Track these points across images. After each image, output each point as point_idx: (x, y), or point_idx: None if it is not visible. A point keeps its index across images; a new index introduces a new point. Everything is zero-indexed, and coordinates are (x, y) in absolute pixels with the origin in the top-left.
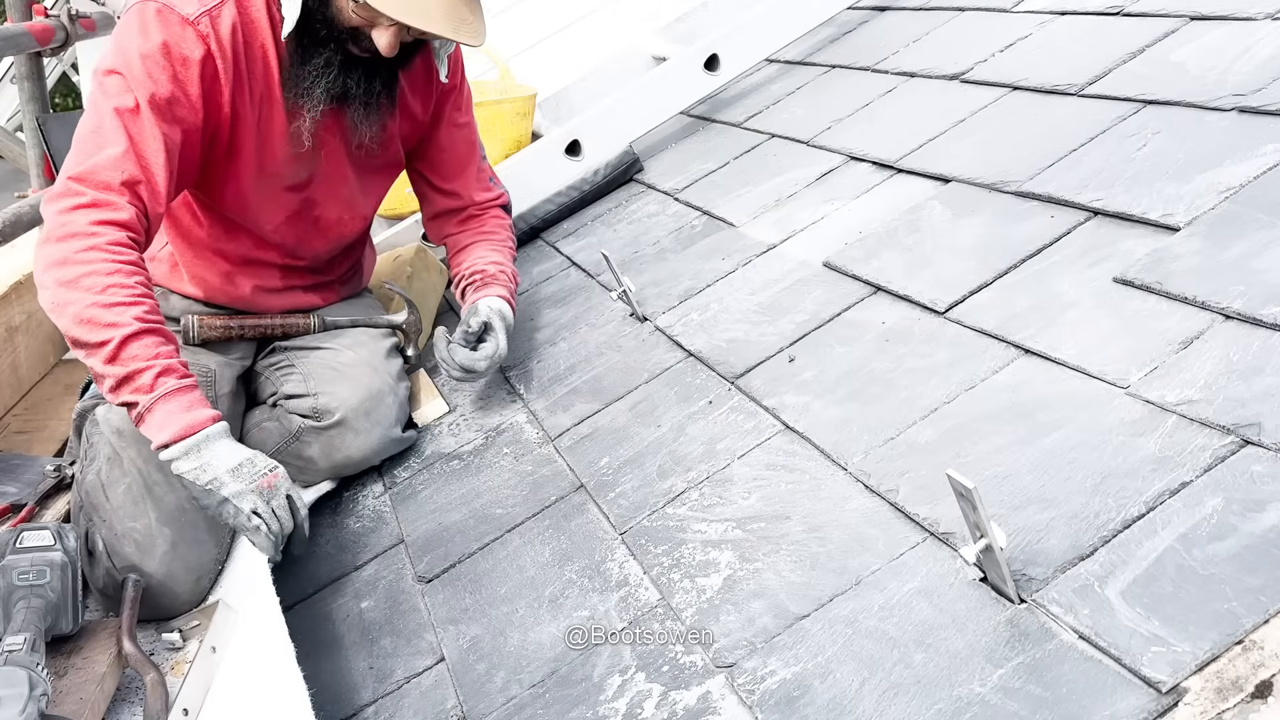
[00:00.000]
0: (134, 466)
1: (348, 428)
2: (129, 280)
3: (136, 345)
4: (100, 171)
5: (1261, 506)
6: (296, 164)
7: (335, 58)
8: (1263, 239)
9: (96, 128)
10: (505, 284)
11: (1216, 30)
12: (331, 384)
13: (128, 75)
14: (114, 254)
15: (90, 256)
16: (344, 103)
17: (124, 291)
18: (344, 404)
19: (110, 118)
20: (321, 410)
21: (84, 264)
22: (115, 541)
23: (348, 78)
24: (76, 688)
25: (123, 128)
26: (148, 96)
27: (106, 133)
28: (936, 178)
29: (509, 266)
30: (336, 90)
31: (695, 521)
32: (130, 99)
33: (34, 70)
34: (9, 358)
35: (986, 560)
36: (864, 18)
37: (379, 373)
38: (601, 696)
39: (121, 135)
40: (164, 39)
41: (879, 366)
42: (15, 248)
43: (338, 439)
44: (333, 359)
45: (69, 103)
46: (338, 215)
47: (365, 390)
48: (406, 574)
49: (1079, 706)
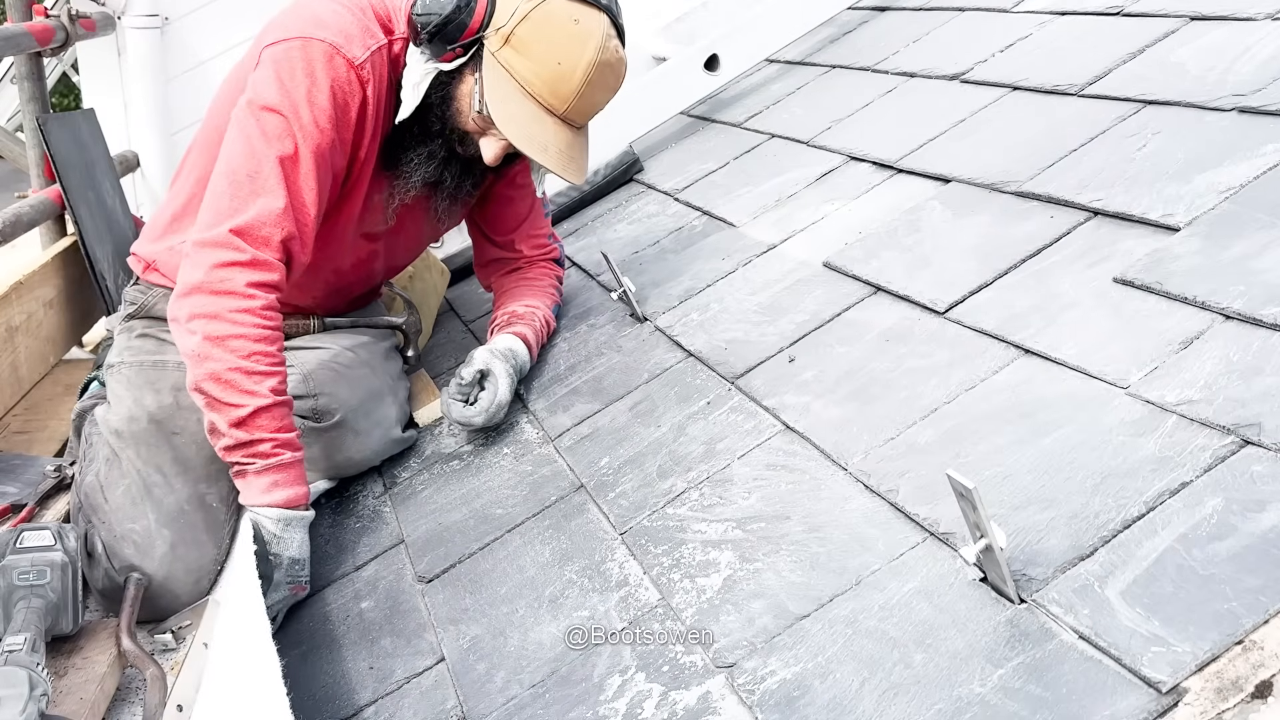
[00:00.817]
0: (133, 468)
1: (348, 428)
2: (272, 348)
3: (266, 417)
4: (261, 228)
5: (1261, 506)
6: (378, 218)
7: (440, 151)
8: (1263, 239)
9: (255, 172)
10: (529, 323)
11: (1216, 30)
12: (331, 385)
13: (292, 119)
14: (264, 320)
15: (243, 319)
16: (434, 189)
17: (266, 360)
18: (344, 405)
19: (272, 165)
20: (321, 411)
21: (235, 325)
22: (114, 543)
23: (446, 170)
24: (76, 688)
25: (283, 179)
26: (312, 146)
27: (266, 181)
28: (936, 178)
29: (543, 311)
30: (432, 180)
31: (695, 521)
32: (291, 145)
33: (34, 70)
34: (9, 358)
35: (986, 560)
36: (864, 18)
37: (378, 373)
38: (601, 696)
39: (282, 188)
40: (332, 85)
41: (879, 366)
42: (15, 248)
43: (338, 440)
44: (332, 360)
45: (69, 103)
46: (402, 260)
47: (365, 391)
48: (406, 574)
49: (1079, 706)
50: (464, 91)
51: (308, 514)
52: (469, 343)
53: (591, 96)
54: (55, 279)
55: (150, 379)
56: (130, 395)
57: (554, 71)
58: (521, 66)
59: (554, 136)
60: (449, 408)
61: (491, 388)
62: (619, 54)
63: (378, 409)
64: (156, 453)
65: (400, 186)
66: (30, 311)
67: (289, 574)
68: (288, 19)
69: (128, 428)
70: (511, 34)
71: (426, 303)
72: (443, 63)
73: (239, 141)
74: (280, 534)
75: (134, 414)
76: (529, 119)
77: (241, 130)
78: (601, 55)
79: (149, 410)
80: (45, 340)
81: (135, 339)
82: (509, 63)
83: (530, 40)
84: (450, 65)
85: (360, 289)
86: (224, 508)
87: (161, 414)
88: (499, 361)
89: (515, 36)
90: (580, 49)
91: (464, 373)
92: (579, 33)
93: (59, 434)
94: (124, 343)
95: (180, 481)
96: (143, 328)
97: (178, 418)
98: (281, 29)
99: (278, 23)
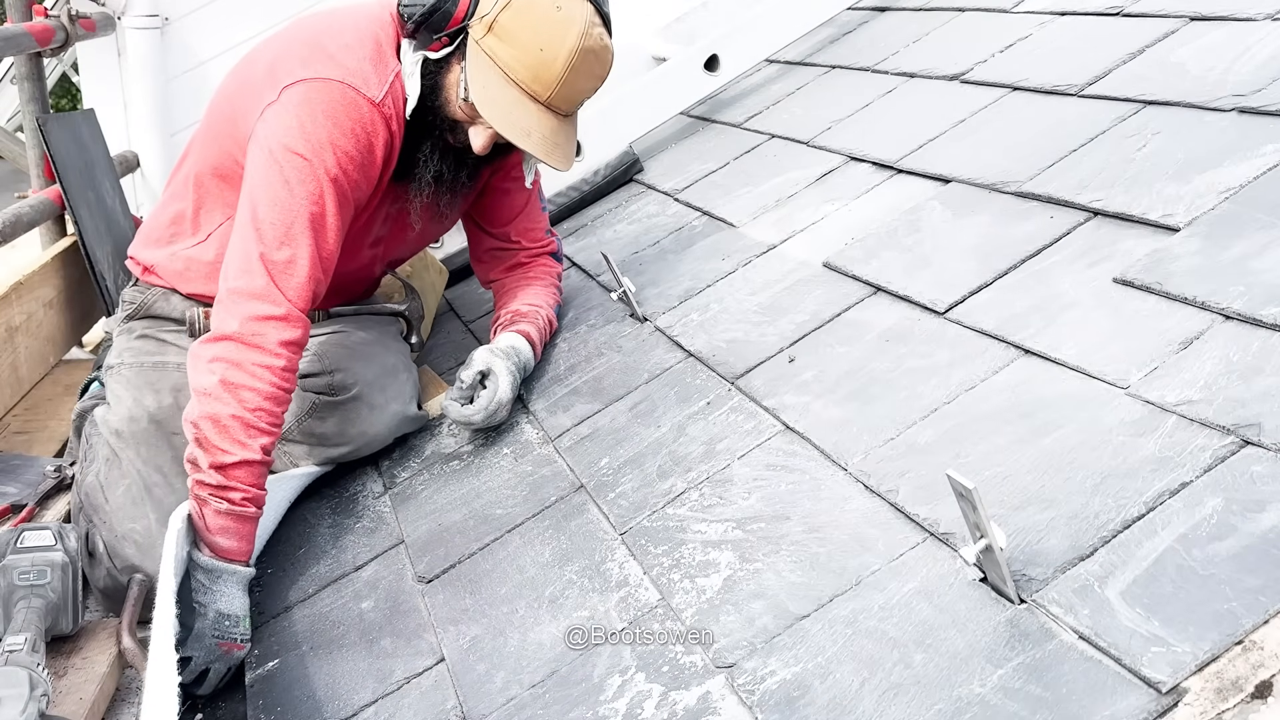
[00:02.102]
0: (133, 468)
1: (364, 402)
2: (278, 409)
3: (246, 471)
4: (298, 286)
5: (1261, 507)
6: (380, 226)
7: (438, 145)
8: (1263, 239)
9: (289, 225)
10: (532, 321)
11: (1216, 30)
12: (346, 360)
13: (315, 163)
14: (281, 381)
15: (263, 375)
16: (437, 184)
17: (267, 419)
18: (360, 378)
19: (303, 219)
20: (338, 386)
21: (254, 378)
22: (115, 542)
23: (444, 164)
24: (76, 688)
25: (311, 233)
26: (335, 192)
27: (298, 236)
28: (936, 178)
29: (546, 310)
30: (435, 174)
31: (695, 522)
32: (318, 190)
33: (34, 71)
34: (9, 358)
35: (986, 560)
36: (864, 18)
37: (391, 350)
38: (601, 697)
39: (310, 242)
40: (354, 127)
41: (879, 367)
42: (15, 248)
43: (353, 413)
44: (345, 339)
45: (69, 103)
46: (402, 258)
47: (380, 365)
48: (406, 574)
49: (1079, 707)
50: (451, 81)
51: (246, 570)
52: (469, 343)
53: (576, 83)
54: (55, 279)
55: (150, 380)
56: (130, 396)
57: (536, 58)
58: (504, 53)
59: (538, 123)
60: (448, 408)
61: (491, 386)
62: (604, 41)
63: (393, 384)
64: (157, 453)
65: (415, 189)
66: (30, 311)
67: (215, 627)
68: (301, 50)
69: (128, 428)
70: (495, 21)
71: (426, 302)
72: (430, 52)
73: (266, 187)
74: (208, 584)
75: (134, 414)
76: (511, 104)
77: (266, 174)
78: (584, 42)
79: (149, 411)
80: (45, 340)
81: (135, 340)
82: (492, 50)
83: (513, 27)
84: (437, 54)
85: (360, 289)
86: None
87: (161, 414)
88: (499, 360)
89: (498, 24)
90: (562, 35)
91: (464, 375)
92: (561, 19)
93: (59, 434)
94: (124, 344)
95: (181, 481)
96: (143, 328)
97: (178, 418)
98: (299, 64)
99: (290, 53)
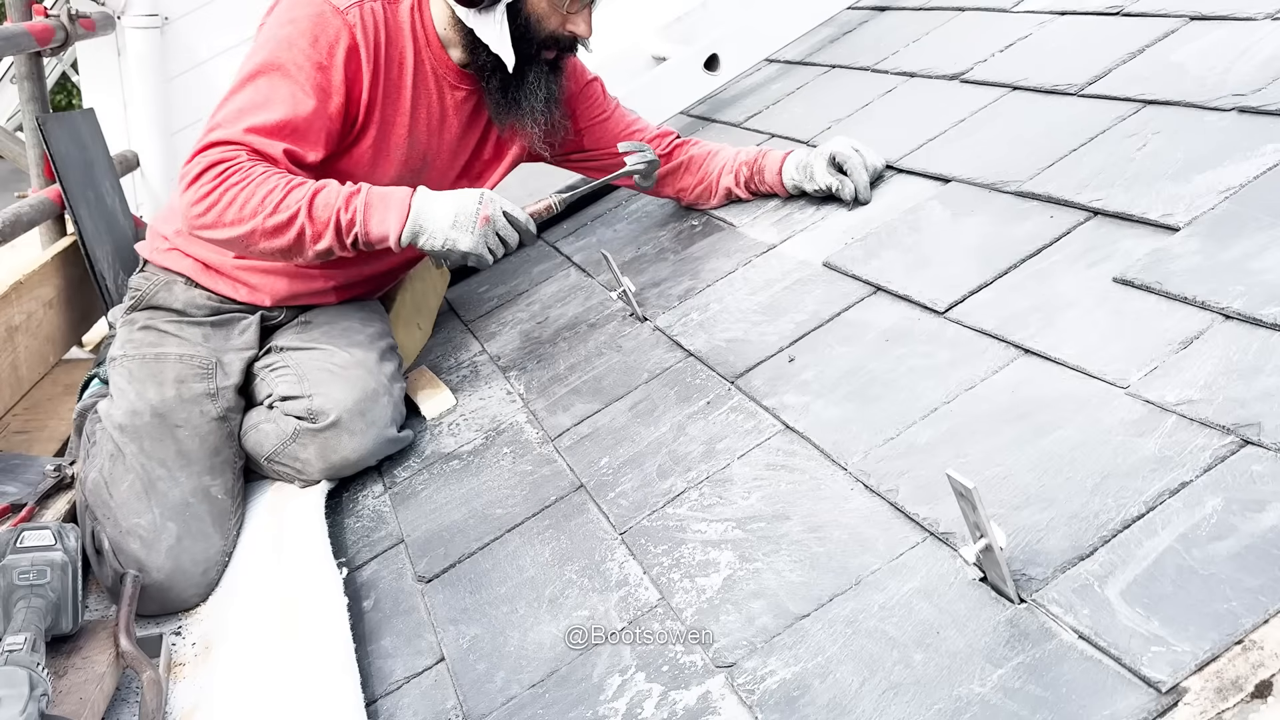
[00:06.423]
0: (136, 462)
1: (343, 429)
2: (277, 169)
3: (323, 192)
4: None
5: (1261, 506)
6: (406, 169)
7: (542, 64)
8: (1263, 239)
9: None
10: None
11: (1216, 30)
12: (326, 385)
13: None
14: (256, 157)
15: (241, 161)
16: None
17: (277, 176)
18: (338, 405)
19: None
20: (316, 412)
21: (237, 169)
22: (120, 538)
23: (551, 83)
24: (76, 688)
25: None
26: (299, 73)
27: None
28: (936, 178)
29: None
30: (547, 95)
31: (695, 521)
32: (278, 65)
33: (34, 70)
34: (9, 358)
35: (986, 560)
36: (864, 18)
37: (374, 374)
38: (601, 696)
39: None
40: (313, 26)
41: (879, 366)
42: (15, 248)
43: (333, 440)
44: (327, 360)
45: (69, 103)
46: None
47: (360, 391)
48: (406, 574)
49: (1079, 706)
50: (536, 6)
51: (414, 194)
52: (469, 342)
53: None
54: (55, 279)
55: (152, 372)
56: (133, 389)
57: None
58: None
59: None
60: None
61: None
62: None
63: (373, 409)
64: (160, 446)
65: (530, 118)
66: (30, 311)
67: (463, 231)
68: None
69: (130, 422)
70: None
71: (426, 303)
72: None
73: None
74: (425, 237)
75: (136, 408)
76: None
77: (242, 66)
78: None
79: (151, 404)
80: (45, 340)
81: (137, 331)
82: None
83: None
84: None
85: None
86: (229, 500)
87: (164, 407)
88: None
89: None
90: None
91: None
92: None
93: (59, 434)
94: (125, 335)
95: (184, 475)
96: (144, 319)
97: (180, 411)
98: None
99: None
